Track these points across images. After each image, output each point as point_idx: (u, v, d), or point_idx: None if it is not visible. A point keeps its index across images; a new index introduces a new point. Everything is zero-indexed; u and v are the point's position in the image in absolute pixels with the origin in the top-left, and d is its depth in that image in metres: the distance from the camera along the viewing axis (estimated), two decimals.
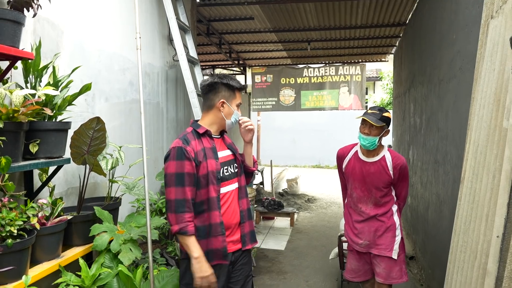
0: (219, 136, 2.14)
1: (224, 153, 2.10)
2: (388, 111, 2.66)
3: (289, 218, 6.53)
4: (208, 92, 2.08)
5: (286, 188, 8.86)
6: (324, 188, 10.09)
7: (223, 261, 2.00)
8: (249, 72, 9.95)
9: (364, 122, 2.63)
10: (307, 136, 15.38)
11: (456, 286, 2.05)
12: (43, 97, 1.90)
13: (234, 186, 2.10)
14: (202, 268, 1.90)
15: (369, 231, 2.69)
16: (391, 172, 2.65)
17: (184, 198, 1.91)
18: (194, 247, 1.91)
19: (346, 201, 2.91)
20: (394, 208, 2.73)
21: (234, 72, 10.44)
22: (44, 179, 2.26)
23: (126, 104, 3.35)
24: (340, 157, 2.86)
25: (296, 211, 6.91)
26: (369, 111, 2.67)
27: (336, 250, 3.97)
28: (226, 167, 2.06)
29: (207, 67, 9.95)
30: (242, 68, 9.82)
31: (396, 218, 2.72)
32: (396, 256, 2.66)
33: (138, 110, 3.53)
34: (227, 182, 2.06)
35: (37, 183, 2.33)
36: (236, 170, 2.13)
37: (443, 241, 3.24)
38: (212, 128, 2.09)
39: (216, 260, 1.98)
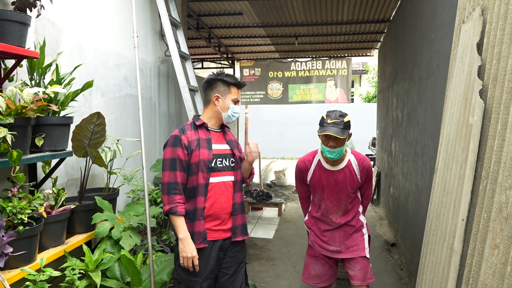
0: (219, 130, 2.29)
1: (220, 146, 2.24)
2: (347, 114, 2.39)
3: (277, 209, 6.74)
4: (206, 88, 2.26)
5: (274, 180, 9.06)
6: None
7: (204, 244, 2.15)
8: (237, 66, 10.07)
9: (327, 135, 2.34)
10: (294, 129, 15.61)
11: (428, 265, 2.27)
12: (52, 94, 2.03)
13: (228, 178, 2.24)
14: (185, 248, 2.07)
15: (339, 236, 2.58)
16: (359, 176, 2.50)
17: (176, 181, 2.10)
18: (181, 228, 2.09)
19: (310, 210, 2.73)
20: (360, 209, 2.64)
21: (223, 66, 10.54)
22: (47, 171, 2.39)
23: (121, 99, 3.48)
24: (302, 171, 2.60)
25: (284, 202, 7.12)
26: (329, 121, 2.34)
27: None
28: (220, 159, 2.21)
29: (196, 60, 10.02)
30: (230, 61, 9.93)
31: (362, 218, 2.63)
32: (368, 255, 2.59)
33: (132, 104, 3.68)
34: (219, 173, 2.20)
35: (40, 174, 2.46)
36: (232, 165, 2.26)
37: (421, 228, 3.48)
38: (210, 121, 2.25)
39: (200, 242, 2.13)
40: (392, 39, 6.10)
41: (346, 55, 9.57)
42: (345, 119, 2.34)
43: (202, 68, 10.56)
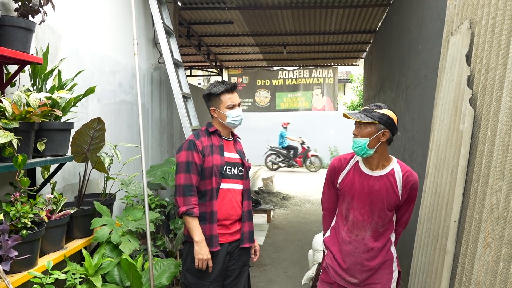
0: (231, 139, 2.40)
1: (231, 155, 2.33)
2: (390, 109, 2.03)
3: (266, 215, 6.79)
4: (206, 104, 2.37)
5: (262, 187, 9.12)
6: (298, 186, 10.42)
7: (218, 247, 2.21)
8: (225, 73, 10.15)
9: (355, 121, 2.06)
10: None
11: (421, 266, 2.36)
12: (59, 100, 2.05)
13: (237, 186, 2.33)
14: (201, 250, 2.12)
15: (361, 270, 2.08)
16: (400, 192, 2.04)
17: (191, 184, 2.17)
18: (196, 230, 2.14)
19: (336, 224, 2.22)
20: (393, 237, 2.16)
21: (210, 73, 10.61)
22: (46, 176, 2.39)
23: (116, 105, 3.50)
24: (335, 169, 2.18)
25: (273, 208, 7.18)
26: (362, 108, 2.12)
27: (310, 274, 3.48)
28: (230, 167, 2.29)
29: (185, 68, 10.07)
30: (219, 69, 10.01)
31: (393, 249, 2.15)
32: None
33: (126, 110, 3.70)
34: (229, 180, 2.28)
35: (38, 179, 2.46)
36: (241, 174, 2.35)
37: (409, 233, 3.58)
38: (219, 130, 2.34)
39: (217, 245, 2.20)
40: (378, 49, 6.28)
41: (332, 64, 9.77)
42: (379, 110, 1.99)
43: (191, 75, 10.60)
